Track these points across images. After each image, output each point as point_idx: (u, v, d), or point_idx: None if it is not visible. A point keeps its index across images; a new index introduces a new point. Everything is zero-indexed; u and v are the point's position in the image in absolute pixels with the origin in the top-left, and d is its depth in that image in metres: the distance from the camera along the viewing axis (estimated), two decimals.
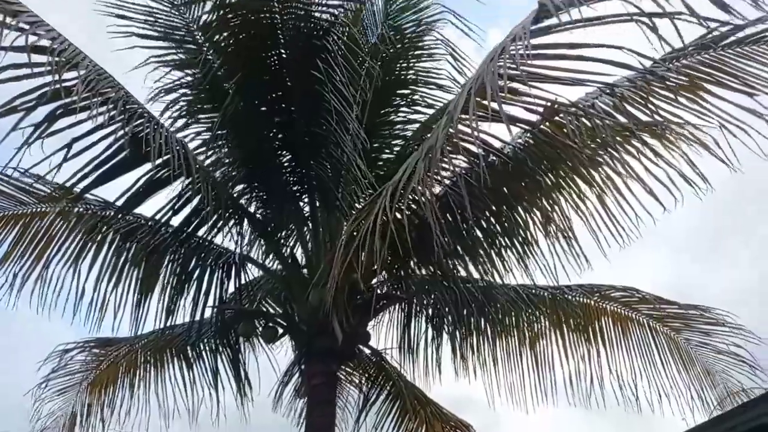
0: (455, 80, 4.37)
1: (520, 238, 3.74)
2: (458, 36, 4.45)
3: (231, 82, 3.55)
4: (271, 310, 4.71)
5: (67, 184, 3.35)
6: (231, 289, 4.30)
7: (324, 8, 3.63)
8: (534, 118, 3.01)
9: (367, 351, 4.44)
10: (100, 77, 2.93)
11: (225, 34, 3.52)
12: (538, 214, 3.63)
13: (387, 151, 4.47)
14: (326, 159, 4.00)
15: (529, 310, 4.22)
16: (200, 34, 3.74)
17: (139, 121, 3.12)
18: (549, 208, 3.56)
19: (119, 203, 3.67)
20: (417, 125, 4.45)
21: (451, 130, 2.58)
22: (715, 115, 2.84)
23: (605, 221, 3.49)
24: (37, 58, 2.71)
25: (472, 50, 4.47)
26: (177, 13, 3.75)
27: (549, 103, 2.74)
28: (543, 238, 3.69)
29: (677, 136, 3.09)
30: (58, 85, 2.70)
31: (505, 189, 3.54)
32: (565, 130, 3.04)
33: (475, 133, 2.62)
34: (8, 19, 2.62)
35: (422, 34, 4.33)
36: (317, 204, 4.24)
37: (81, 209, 3.88)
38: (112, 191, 3.69)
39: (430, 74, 4.38)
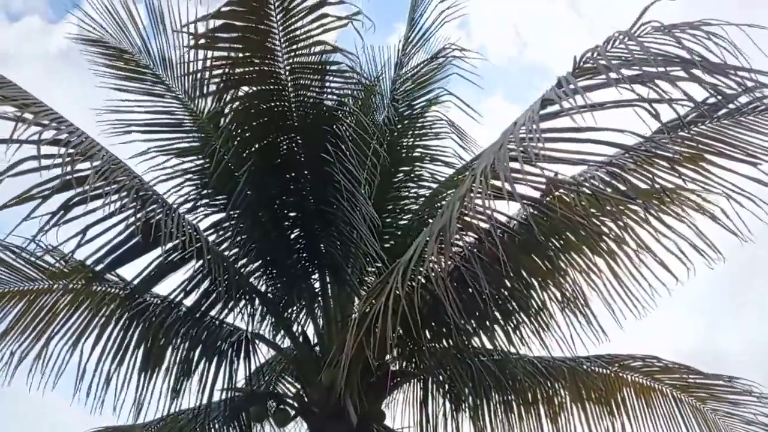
0: (460, 156, 4.53)
1: (533, 311, 3.72)
2: (460, 112, 4.64)
3: (241, 169, 3.64)
4: (283, 391, 4.60)
5: (81, 267, 3.39)
6: (241, 369, 4.25)
7: (333, 95, 3.78)
8: (539, 194, 3.10)
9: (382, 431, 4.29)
10: (115, 167, 3.01)
11: (236, 123, 3.66)
12: (551, 286, 3.63)
13: (394, 226, 4.53)
14: (336, 236, 4.04)
15: (548, 383, 4.10)
16: (208, 123, 3.90)
17: (151, 207, 3.19)
18: (561, 281, 3.57)
19: (132, 282, 3.69)
20: (423, 200, 4.55)
21: (461, 209, 2.65)
22: (719, 185, 2.90)
23: (618, 292, 3.49)
24: (53, 150, 2.84)
25: (474, 125, 4.66)
26: (183, 106, 3.95)
27: (550, 180, 2.83)
28: (558, 311, 3.68)
29: (684, 206, 3.14)
30: (70, 177, 2.79)
31: (515, 263, 3.55)
32: (570, 205, 3.12)
33: (487, 211, 2.67)
34: (26, 115, 2.76)
35: (426, 114, 4.52)
36: (327, 280, 4.24)
37: (93, 288, 3.87)
38: (125, 270, 3.73)
39: (434, 151, 4.53)
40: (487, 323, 3.79)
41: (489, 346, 3.87)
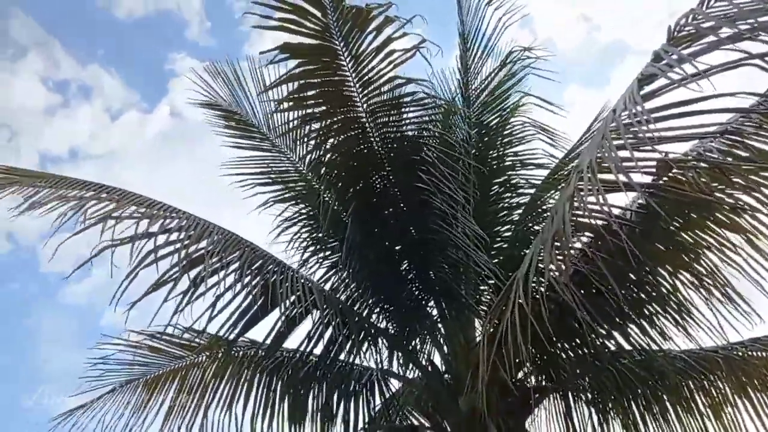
0: (551, 156, 4.39)
1: (668, 302, 3.46)
2: (542, 111, 4.51)
3: (345, 213, 3.76)
4: (419, 423, 4.60)
5: (218, 335, 3.63)
6: (376, 406, 4.31)
7: (413, 124, 3.82)
8: (652, 179, 2.92)
9: None
10: (228, 242, 3.23)
11: (332, 171, 3.80)
12: (682, 272, 3.37)
13: (498, 239, 4.45)
14: (443, 261, 4.04)
15: (702, 377, 3.78)
16: (310, 173, 4.10)
17: (266, 270, 3.37)
18: (695, 265, 3.30)
19: (264, 343, 3.89)
20: (523, 208, 4.44)
21: (571, 210, 2.55)
22: None
23: (764, 266, 3.16)
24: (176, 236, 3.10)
25: (559, 120, 4.51)
26: (286, 159, 4.18)
27: (664, 161, 2.67)
28: (696, 297, 3.39)
29: None
30: (185, 261, 3.03)
31: (640, 255, 3.34)
32: (689, 183, 2.90)
33: (601, 207, 2.55)
34: (149, 211, 3.06)
35: (508, 121, 4.44)
36: (444, 306, 4.22)
37: (232, 354, 4.14)
38: (258, 332, 3.95)
39: (524, 156, 4.43)
40: (620, 322, 3.59)
41: (627, 347, 3.66)
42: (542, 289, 3.04)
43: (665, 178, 3.02)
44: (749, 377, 3.74)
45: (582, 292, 3.40)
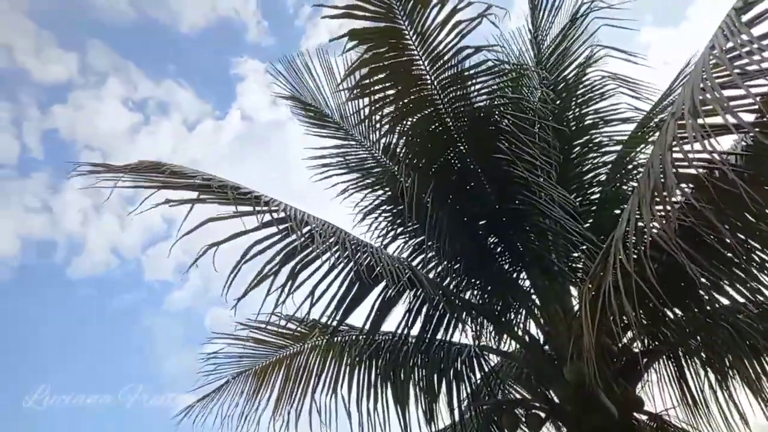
0: (636, 108, 4.15)
1: None
2: (621, 63, 4.27)
3: (425, 193, 3.76)
4: (522, 396, 4.56)
5: (319, 322, 3.77)
6: (477, 383, 4.31)
7: (484, 94, 3.74)
8: (756, 117, 2.69)
9: (644, 418, 3.99)
10: (324, 228, 3.32)
11: (410, 153, 3.81)
12: None
13: (585, 202, 4.29)
14: (531, 230, 3.95)
15: None
16: (387, 158, 4.13)
17: (361, 254, 3.43)
18: None
19: (363, 327, 3.98)
20: (610, 166, 4.25)
21: (672, 161, 2.40)
22: None
23: None
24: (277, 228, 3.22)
25: (640, 68, 4.25)
26: (362, 147, 4.23)
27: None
28: None
29: None
30: (300, 240, 3.12)
31: (746, 201, 3.10)
32: None
33: (708, 152, 2.38)
34: (259, 208, 3.19)
35: (584, 78, 4.24)
36: (536, 277, 4.14)
37: (333, 340, 4.28)
38: (355, 318, 4.06)
39: (606, 113, 4.23)
40: (731, 274, 3.36)
41: (740, 299, 3.42)
42: (642, 248, 2.91)
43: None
44: None
45: (687, 247, 3.22)
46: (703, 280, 3.32)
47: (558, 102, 4.30)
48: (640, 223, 2.65)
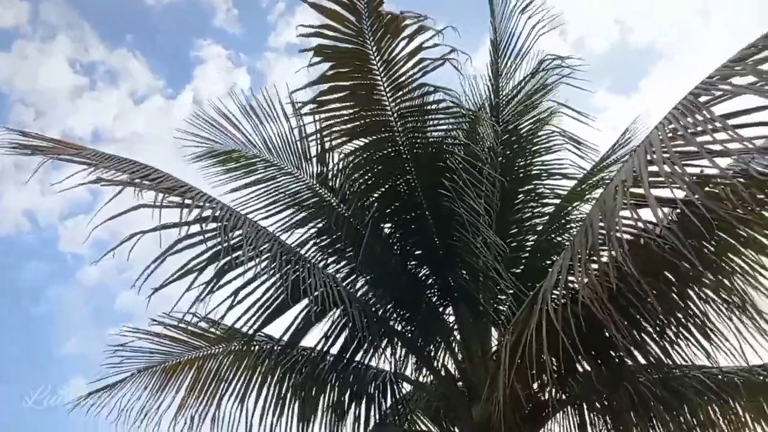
0: (579, 167, 4.35)
1: (693, 321, 3.40)
2: (572, 120, 4.47)
3: (363, 219, 3.77)
4: (427, 428, 4.60)
5: (237, 327, 3.67)
6: (386, 410, 4.31)
7: (441, 131, 3.82)
8: (692, 194, 2.88)
9: None
10: (258, 234, 3.26)
11: (353, 176, 3.82)
12: (709, 292, 3.31)
13: (521, 248, 4.43)
14: (464, 268, 4.03)
15: (721, 401, 3.70)
16: (322, 186, 4.10)
17: (293, 265, 3.40)
18: (723, 284, 3.24)
19: (282, 339, 3.92)
20: (547, 217, 4.41)
21: (609, 225, 2.53)
22: None
23: None
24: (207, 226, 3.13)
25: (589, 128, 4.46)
26: (295, 179, 4.20)
27: (699, 176, 2.64)
28: (721, 318, 3.33)
29: None
30: (226, 243, 3.06)
31: (667, 272, 3.30)
32: (726, 202, 2.86)
33: (634, 222, 2.52)
34: (186, 200, 3.09)
35: (537, 130, 4.41)
36: (461, 313, 4.21)
37: (249, 347, 4.17)
38: (275, 328, 3.98)
39: (551, 166, 4.40)
40: (642, 340, 3.54)
41: (645, 363, 3.60)
42: (565, 302, 3.02)
43: (701, 195, 2.98)
44: None
45: (608, 306, 3.37)
46: (616, 340, 3.48)
47: (511, 149, 4.44)
48: (570, 278, 2.75)
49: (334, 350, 3.98)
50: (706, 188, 2.94)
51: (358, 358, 4.05)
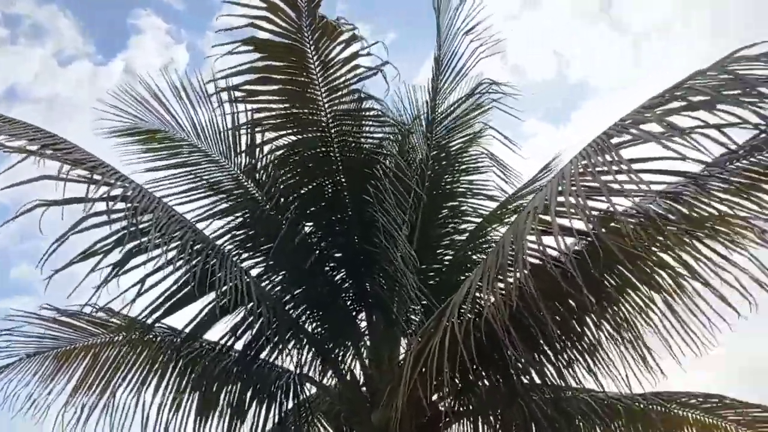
0: (502, 189, 4.51)
1: (586, 348, 3.61)
2: (501, 144, 4.63)
3: (284, 215, 3.73)
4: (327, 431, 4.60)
5: (139, 316, 3.51)
6: (287, 410, 4.27)
7: (373, 138, 3.85)
8: (592, 227, 3.05)
9: None
10: (171, 220, 3.15)
11: (279, 171, 3.76)
12: (604, 322, 3.52)
13: (438, 262, 4.52)
14: (381, 276, 4.06)
15: (604, 424, 3.94)
16: (247, 178, 4.01)
17: (204, 256, 3.30)
18: (615, 316, 3.46)
19: (185, 330, 3.80)
20: (467, 235, 4.53)
21: (517, 247, 2.63)
22: None
23: (676, 328, 3.35)
24: (115, 206, 2.98)
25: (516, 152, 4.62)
26: (220, 168, 4.09)
27: (604, 212, 2.80)
28: (612, 347, 3.56)
29: (744, 238, 3.01)
30: (133, 228, 2.93)
31: (570, 299, 3.48)
32: (625, 238, 3.06)
33: (541, 248, 2.63)
34: (95, 176, 2.93)
35: (468, 149, 4.53)
36: (374, 320, 4.25)
37: (149, 337, 4.01)
38: (179, 318, 3.84)
39: (477, 186, 4.53)
40: (539, 360, 3.71)
41: (540, 383, 3.78)
42: (471, 318, 3.12)
43: (604, 229, 3.16)
44: (646, 428, 3.93)
45: (510, 326, 3.51)
46: (514, 358, 3.63)
47: (440, 164, 4.53)
48: (478, 294, 2.83)
49: (239, 346, 3.90)
50: (611, 224, 3.14)
51: (263, 356, 3.98)
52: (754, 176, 2.87)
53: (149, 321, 3.52)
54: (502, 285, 2.98)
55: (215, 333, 3.90)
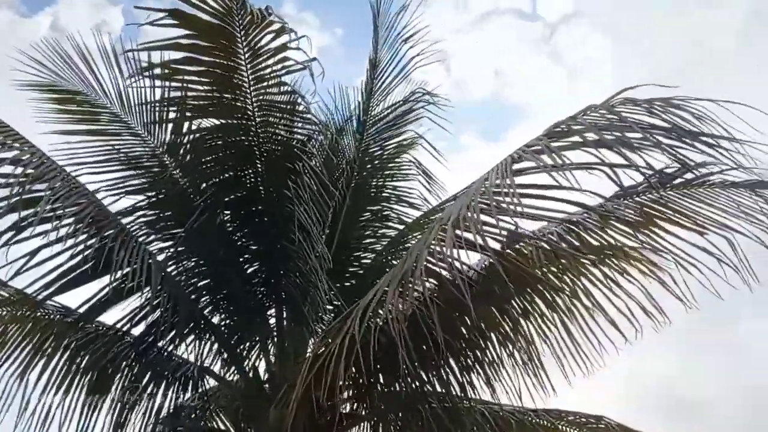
0: (425, 199, 4.57)
1: (487, 361, 3.71)
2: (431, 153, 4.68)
3: (200, 199, 3.61)
4: (226, 427, 4.48)
5: (29, 291, 3.30)
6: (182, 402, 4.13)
7: (300, 134, 3.80)
8: (500, 246, 3.14)
9: None
10: (72, 191, 2.98)
11: (198, 154, 3.65)
12: (505, 337, 3.63)
13: (356, 264, 4.52)
14: (294, 273, 4.01)
15: None
16: (167, 156, 3.87)
17: (107, 233, 3.15)
18: (515, 332, 3.57)
19: (78, 310, 3.60)
20: (387, 241, 4.56)
21: (426, 257, 2.66)
22: (669, 251, 2.96)
23: (570, 348, 3.51)
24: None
25: (445, 163, 4.68)
26: (141, 141, 3.91)
27: (513, 233, 2.89)
28: (510, 362, 3.67)
29: (636, 268, 3.19)
30: (24, 196, 2.75)
31: (473, 312, 3.56)
32: (529, 259, 3.18)
33: (449, 260, 2.67)
34: None
35: (397, 156, 4.56)
36: (284, 317, 4.18)
37: (39, 314, 3.77)
38: (74, 298, 3.63)
39: (402, 193, 4.57)
40: (441, 370, 3.78)
41: (441, 393, 3.84)
42: (379, 322, 3.13)
43: (510, 250, 3.27)
44: None
45: (416, 334, 3.55)
46: (416, 365, 3.67)
47: (366, 168, 4.54)
48: (384, 298, 2.84)
49: (138, 332, 3.74)
50: (517, 245, 3.25)
51: (162, 344, 3.84)
52: (650, 213, 3.07)
53: (40, 297, 3.32)
54: (412, 292, 3.02)
55: (113, 315, 3.73)
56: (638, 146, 2.01)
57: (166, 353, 3.92)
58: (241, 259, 4.09)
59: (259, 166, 3.82)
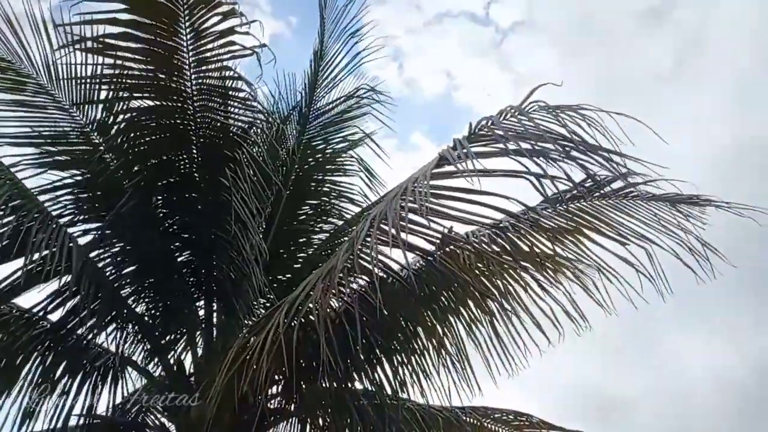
0: (365, 195, 4.57)
1: (416, 359, 3.74)
2: (374, 149, 4.68)
3: (130, 183, 3.46)
4: (153, 422, 4.32)
5: None
6: (105, 395, 3.94)
7: (240, 122, 3.71)
8: (430, 247, 3.18)
9: None
10: None
11: (130, 134, 3.49)
12: (434, 336, 3.68)
13: (292, 258, 4.47)
14: (227, 264, 3.91)
15: None
16: (97, 134, 3.68)
17: (23, 213, 2.97)
18: (443, 331, 3.63)
19: None
20: (326, 235, 4.53)
21: (355, 253, 2.65)
22: (591, 259, 3.09)
23: (497, 348, 3.60)
24: None
25: (389, 158, 4.69)
26: (69, 117, 3.71)
27: (442, 234, 2.93)
28: (438, 360, 3.72)
29: (560, 274, 3.31)
30: None
31: (403, 311, 3.59)
32: (459, 260, 3.23)
33: (376, 257, 2.68)
34: None
35: (340, 151, 4.53)
36: (214, 309, 4.07)
37: None
38: None
39: (343, 188, 4.55)
40: (368, 366, 3.78)
41: (370, 389, 3.85)
42: (310, 317, 3.10)
43: (442, 251, 3.32)
44: None
45: (345, 330, 3.54)
46: (345, 362, 3.66)
47: (307, 161, 4.49)
48: (312, 293, 2.82)
49: (55, 318, 3.54)
50: (448, 248, 3.30)
51: (80, 331, 3.64)
52: (578, 221, 3.19)
53: None
54: (342, 288, 3.01)
55: (30, 299, 3.51)
56: (555, 158, 2.08)
57: (85, 340, 3.72)
58: (171, 247, 3.95)
59: (195, 151, 3.70)
